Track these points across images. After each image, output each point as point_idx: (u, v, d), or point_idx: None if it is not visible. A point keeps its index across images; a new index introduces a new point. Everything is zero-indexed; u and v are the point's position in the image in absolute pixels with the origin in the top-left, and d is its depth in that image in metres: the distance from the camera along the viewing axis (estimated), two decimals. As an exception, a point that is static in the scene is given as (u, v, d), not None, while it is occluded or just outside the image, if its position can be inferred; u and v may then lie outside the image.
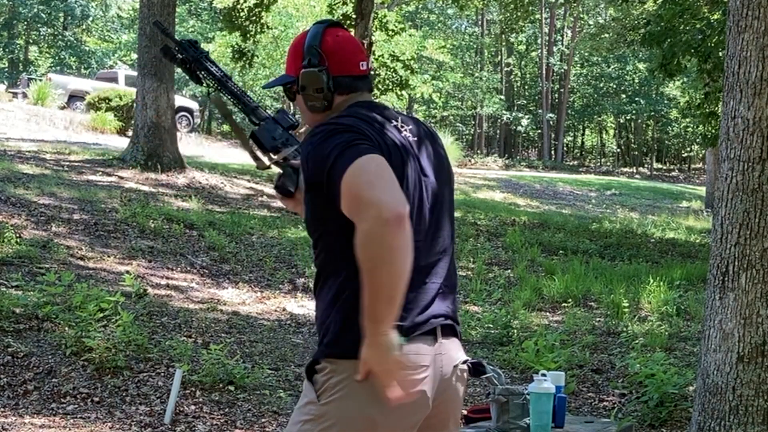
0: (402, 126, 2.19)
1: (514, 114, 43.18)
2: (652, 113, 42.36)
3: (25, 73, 33.58)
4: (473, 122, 45.54)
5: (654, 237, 15.50)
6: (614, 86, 43.72)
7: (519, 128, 43.74)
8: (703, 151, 35.07)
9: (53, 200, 10.47)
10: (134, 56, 31.91)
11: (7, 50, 40.57)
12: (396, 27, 19.71)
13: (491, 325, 7.88)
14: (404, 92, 22.60)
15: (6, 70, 40.00)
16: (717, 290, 4.58)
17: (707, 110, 12.78)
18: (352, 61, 2.23)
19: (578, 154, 49.75)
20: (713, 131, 12.56)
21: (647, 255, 13.01)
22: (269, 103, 33.78)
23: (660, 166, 45.53)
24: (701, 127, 14.48)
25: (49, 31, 41.42)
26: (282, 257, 10.00)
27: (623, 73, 42.56)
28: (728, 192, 4.55)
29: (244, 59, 18.25)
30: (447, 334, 2.16)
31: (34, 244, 8.29)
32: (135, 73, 17.90)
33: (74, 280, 6.95)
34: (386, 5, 19.54)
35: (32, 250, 8.03)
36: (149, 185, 12.59)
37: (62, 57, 40.12)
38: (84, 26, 41.98)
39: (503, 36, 40.26)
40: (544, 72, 42.26)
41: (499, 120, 44.74)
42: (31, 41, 42.26)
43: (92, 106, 21.46)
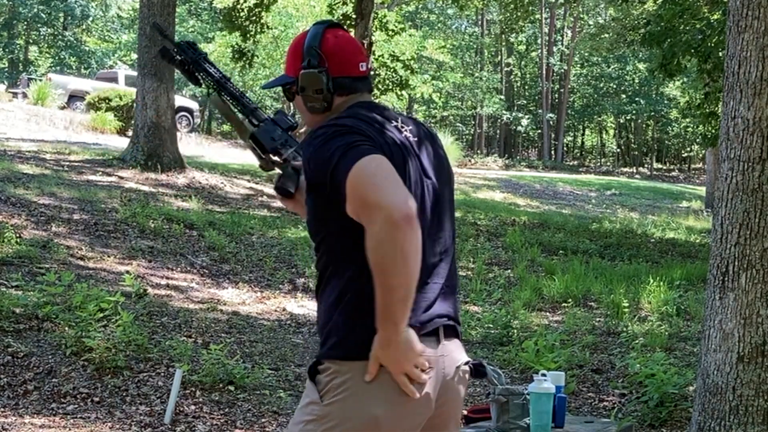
0: (402, 126, 2.19)
1: (514, 114, 43.19)
2: (652, 113, 42.36)
3: (25, 73, 33.58)
4: (473, 122, 45.54)
5: (654, 237, 15.50)
6: (614, 86, 43.73)
7: (519, 128, 43.75)
8: (703, 151, 35.07)
9: (53, 200, 10.47)
10: (134, 56, 31.91)
11: (7, 50, 40.57)
12: (396, 27, 19.72)
13: (491, 325, 7.88)
14: (404, 92, 22.61)
15: (6, 70, 40.00)
16: (717, 290, 4.58)
17: (707, 110, 12.78)
18: (352, 62, 2.22)
19: (578, 154, 49.75)
20: (713, 131, 12.56)
21: (647, 255, 13.01)
22: (269, 104, 33.77)
23: (660, 166, 45.53)
24: (701, 127, 14.49)
25: (49, 31, 41.43)
26: (282, 257, 10.00)
27: (623, 73, 42.56)
28: (728, 192, 4.55)
29: (244, 59, 18.26)
30: (449, 335, 2.16)
31: (34, 244, 8.29)
32: (135, 73, 17.89)
33: (74, 280, 6.95)
34: (386, 5, 19.54)
35: (32, 250, 8.03)
36: (149, 185, 12.59)
37: (62, 57, 40.13)
38: (84, 26, 41.99)
39: (503, 36, 40.27)
40: (544, 72, 42.26)
41: (499, 120, 44.74)
42: (31, 41, 42.26)
43: (92, 106, 21.45)
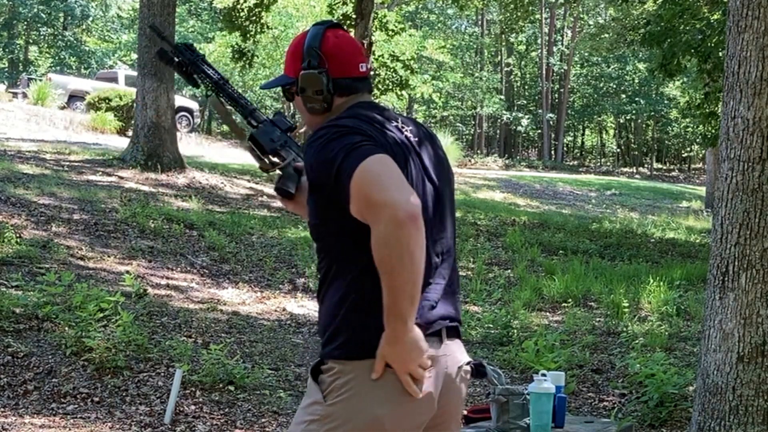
0: (403, 127, 2.18)
1: (514, 114, 43.19)
2: (652, 113, 42.35)
3: (25, 73, 33.58)
4: (473, 122, 45.54)
5: (654, 237, 15.50)
6: (614, 86, 43.72)
7: (519, 128, 43.74)
8: (703, 151, 35.07)
9: (53, 200, 10.47)
10: (134, 56, 31.91)
11: (7, 50, 40.58)
12: (396, 27, 19.70)
13: (491, 325, 7.88)
14: (404, 92, 22.60)
15: (6, 70, 40.01)
16: (717, 290, 4.58)
17: (707, 110, 12.79)
18: (352, 63, 2.22)
19: (578, 154, 49.75)
20: (713, 131, 12.56)
21: (647, 255, 13.01)
22: (269, 104, 33.76)
23: (660, 166, 45.53)
24: (701, 127, 14.49)
25: (49, 31, 41.43)
26: (282, 257, 10.00)
27: (623, 73, 42.56)
28: (728, 192, 4.55)
29: (244, 59, 18.24)
30: (451, 335, 2.16)
31: (34, 244, 8.29)
32: (135, 73, 17.89)
33: (74, 280, 6.95)
34: (386, 5, 19.52)
35: (32, 250, 8.03)
36: (149, 185, 12.59)
37: (62, 57, 40.13)
38: (84, 26, 41.99)
39: (503, 36, 40.26)
40: (544, 72, 42.26)
41: (499, 120, 44.74)
42: (31, 41, 42.27)
43: (92, 106, 21.45)
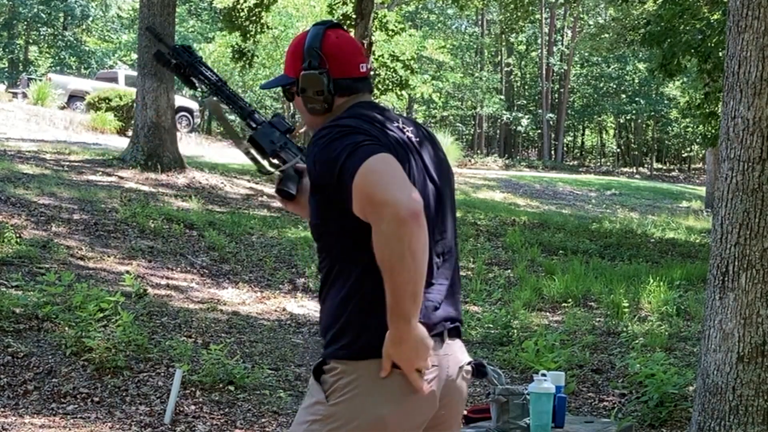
0: (404, 127, 2.18)
1: (514, 114, 43.19)
2: (652, 113, 42.36)
3: (25, 73, 33.58)
4: (473, 122, 45.54)
5: (654, 237, 15.50)
6: (614, 86, 43.73)
7: (519, 128, 43.75)
8: (703, 151, 35.07)
9: (53, 200, 10.47)
10: (134, 56, 31.89)
11: (7, 50, 40.59)
12: (396, 27, 19.71)
13: (491, 325, 7.88)
14: (404, 92, 22.61)
15: (6, 70, 40.01)
16: (717, 290, 4.58)
17: (707, 110, 12.79)
18: (352, 63, 2.22)
19: (578, 154, 49.76)
20: (713, 131, 12.56)
21: (647, 255, 13.01)
22: (269, 104, 33.76)
23: (660, 166, 45.54)
24: (701, 127, 14.50)
25: (49, 31, 41.44)
26: (282, 257, 10.00)
27: (623, 73, 42.56)
28: (728, 192, 4.55)
29: (244, 59, 18.26)
30: (452, 336, 2.17)
31: (34, 244, 8.29)
32: (135, 73, 17.88)
33: (74, 280, 6.95)
34: (386, 5, 19.53)
35: (32, 250, 8.03)
36: (149, 185, 12.59)
37: (62, 57, 40.13)
38: (84, 26, 42.00)
39: (503, 36, 40.27)
40: (544, 72, 42.26)
41: (499, 120, 44.74)
42: (31, 41, 42.27)
43: (92, 106, 21.45)
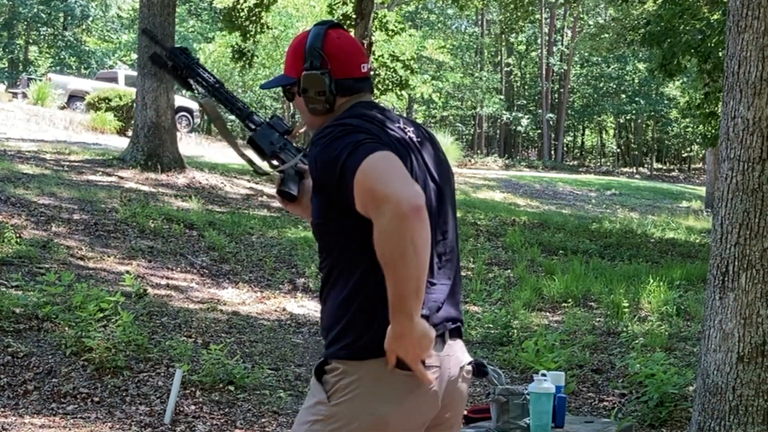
0: (404, 127, 2.19)
1: (514, 114, 43.20)
2: (652, 113, 42.36)
3: (25, 73, 33.59)
4: (473, 122, 45.55)
5: (654, 237, 15.50)
6: (614, 86, 43.74)
7: (519, 128, 43.76)
8: (703, 151, 35.08)
9: (53, 200, 10.47)
10: (134, 56, 31.88)
11: (7, 50, 40.59)
12: (396, 27, 19.71)
13: (491, 325, 7.88)
14: (404, 92, 22.61)
15: (6, 70, 40.02)
16: (717, 290, 4.58)
17: (707, 110, 12.79)
18: (354, 63, 2.22)
19: (578, 154, 49.76)
20: (713, 131, 12.57)
21: (647, 255, 13.01)
22: (269, 104, 33.76)
23: (660, 166, 45.55)
24: (701, 127, 14.50)
25: (49, 31, 41.45)
26: (282, 257, 10.00)
27: (623, 73, 42.57)
28: (728, 192, 4.55)
29: (244, 59, 18.26)
30: (453, 336, 2.17)
31: (34, 244, 8.29)
32: (135, 73, 17.87)
33: (74, 280, 6.95)
34: (386, 5, 19.54)
35: (32, 250, 8.03)
36: (149, 185, 12.59)
37: (62, 57, 40.14)
38: (84, 26, 42.00)
39: (503, 36, 40.28)
40: (544, 72, 42.27)
41: (499, 120, 44.75)
42: (31, 41, 42.28)
43: (92, 106, 21.44)
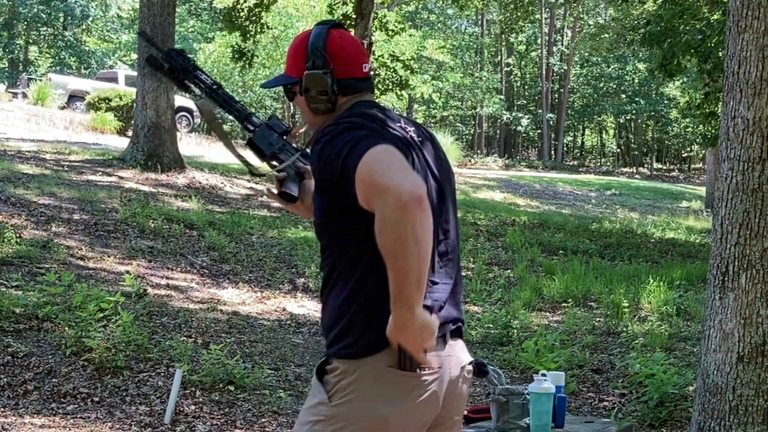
0: (405, 127, 2.19)
1: (514, 114, 43.20)
2: (652, 113, 42.37)
3: (25, 73, 33.58)
4: (473, 122, 45.55)
5: (654, 237, 15.50)
6: (614, 86, 43.74)
7: (519, 128, 43.76)
8: (703, 151, 35.08)
9: (53, 200, 10.47)
10: (134, 56, 31.89)
11: (7, 50, 40.58)
12: (396, 27, 19.71)
13: (491, 325, 7.88)
14: (404, 92, 22.59)
15: (6, 70, 40.01)
16: (717, 290, 4.58)
17: (707, 110, 12.79)
18: (356, 63, 2.22)
19: (578, 154, 49.76)
20: (713, 131, 12.57)
21: (647, 255, 13.00)
22: (269, 104, 33.74)
23: (660, 166, 45.55)
24: (701, 127, 14.51)
25: (49, 31, 41.45)
26: (282, 257, 10.00)
27: (623, 73, 42.58)
28: (728, 192, 4.55)
29: (244, 59, 18.25)
30: (454, 336, 2.17)
31: (34, 244, 8.29)
32: (135, 73, 17.88)
33: (74, 280, 6.95)
34: (386, 5, 19.54)
35: (32, 250, 8.03)
36: (149, 185, 12.59)
37: (62, 57, 40.14)
38: (84, 26, 42.01)
39: (503, 36, 40.28)
40: (544, 72, 42.27)
41: (499, 120, 44.75)
42: (31, 41, 42.28)
43: (92, 106, 21.43)
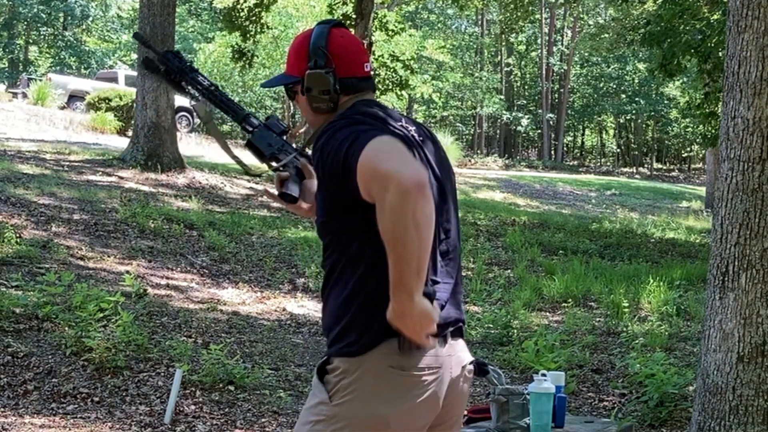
0: (406, 125, 2.19)
1: (514, 114, 43.21)
2: (652, 113, 42.37)
3: (25, 73, 33.59)
4: (473, 122, 45.55)
5: (654, 237, 15.50)
6: (614, 86, 43.75)
7: (519, 128, 43.76)
8: (703, 151, 35.08)
9: (53, 200, 10.47)
10: (134, 56, 31.91)
11: (7, 50, 40.59)
12: (396, 27, 19.72)
13: (491, 325, 7.88)
14: (404, 92, 22.60)
15: (6, 70, 40.01)
16: (717, 290, 4.58)
17: (707, 110, 12.79)
18: (357, 63, 2.22)
19: (578, 154, 49.76)
20: (713, 131, 12.57)
21: (647, 255, 13.01)
22: (269, 104, 33.73)
23: (660, 166, 45.55)
24: (701, 127, 14.51)
25: (49, 31, 41.45)
26: (282, 257, 10.00)
27: (623, 73, 42.58)
28: (728, 192, 4.55)
29: (244, 59, 18.25)
30: (455, 335, 2.17)
31: (34, 244, 8.29)
32: (135, 73, 17.88)
33: (74, 280, 6.95)
34: (386, 5, 19.54)
35: (32, 250, 8.03)
36: (149, 185, 12.59)
37: (62, 57, 40.15)
38: (84, 26, 42.01)
39: (503, 36, 40.28)
40: (544, 72, 42.28)
41: (499, 120, 44.75)
42: (31, 41, 42.29)
43: (92, 106, 21.43)
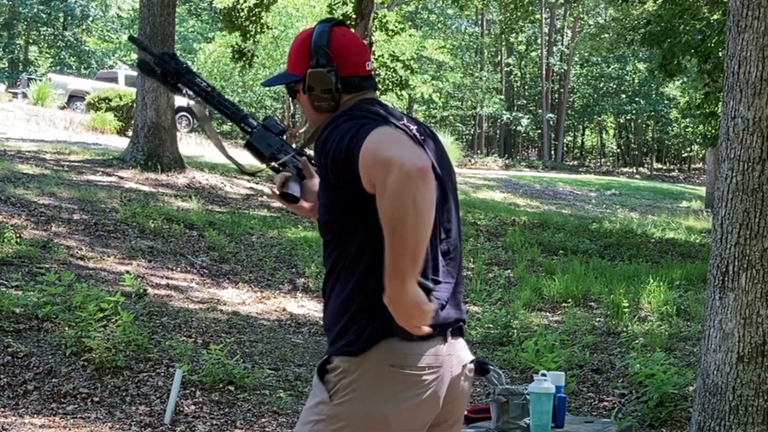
0: (407, 124, 2.19)
1: (514, 114, 43.21)
2: (652, 113, 42.36)
3: (25, 73, 33.59)
4: (473, 122, 45.56)
5: (654, 237, 15.50)
6: (614, 86, 43.75)
7: (519, 128, 43.76)
8: (703, 151, 35.07)
9: (53, 200, 10.47)
10: (134, 56, 31.91)
11: (7, 50, 40.59)
12: (396, 27, 19.71)
13: (491, 325, 7.88)
14: (404, 92, 22.60)
15: (6, 70, 40.01)
16: (717, 290, 4.58)
17: (707, 110, 12.80)
18: (359, 62, 2.22)
19: (578, 154, 49.76)
20: (713, 131, 12.57)
21: (647, 255, 13.00)
22: (269, 103, 33.72)
23: (660, 166, 45.54)
24: (701, 127, 14.51)
25: (49, 31, 41.46)
26: (282, 257, 10.00)
27: (623, 73, 42.59)
28: (728, 192, 4.55)
29: (244, 59, 18.25)
30: (455, 334, 2.17)
31: (34, 244, 8.29)
32: (135, 73, 17.88)
33: (74, 280, 6.95)
34: (386, 5, 19.54)
35: (32, 250, 8.03)
36: (149, 185, 12.59)
37: (62, 57, 40.16)
38: (84, 26, 42.02)
39: (503, 36, 40.27)
40: (544, 72, 42.28)
41: (499, 120, 44.76)
42: (31, 41, 42.29)
43: (92, 106, 21.42)
